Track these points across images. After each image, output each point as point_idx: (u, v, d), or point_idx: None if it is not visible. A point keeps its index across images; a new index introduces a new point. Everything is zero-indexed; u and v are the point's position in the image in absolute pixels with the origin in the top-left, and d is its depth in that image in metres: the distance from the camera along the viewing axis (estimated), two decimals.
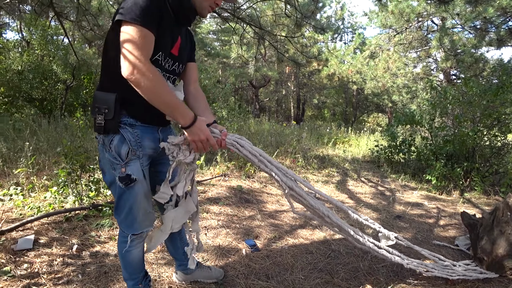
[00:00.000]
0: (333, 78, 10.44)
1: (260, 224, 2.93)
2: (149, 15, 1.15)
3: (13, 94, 6.24)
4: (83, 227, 2.53)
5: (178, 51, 1.38)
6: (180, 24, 1.35)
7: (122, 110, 1.28)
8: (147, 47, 1.16)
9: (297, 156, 5.74)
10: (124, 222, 1.40)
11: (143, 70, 1.13)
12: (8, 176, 3.46)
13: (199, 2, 1.31)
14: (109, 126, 1.27)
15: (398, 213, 3.75)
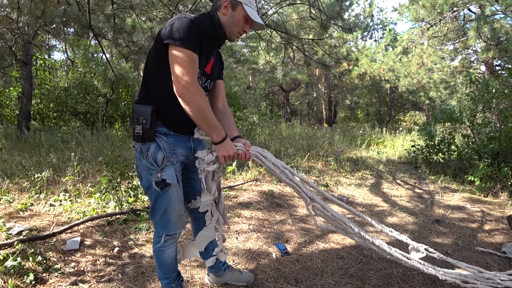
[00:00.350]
0: (365, 77, 10.14)
1: (290, 228, 2.95)
2: (194, 40, 1.33)
3: (61, 109, 6.88)
4: (123, 231, 2.73)
5: (211, 69, 1.55)
6: (212, 46, 1.53)
7: (157, 121, 1.44)
8: (195, 70, 1.34)
9: (329, 159, 5.66)
10: (159, 224, 1.53)
11: (194, 91, 1.32)
12: (58, 183, 3.82)
13: (229, 29, 1.49)
14: (146, 135, 1.42)
15: (437, 216, 3.56)
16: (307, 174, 4.97)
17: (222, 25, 1.48)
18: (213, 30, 1.46)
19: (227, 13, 1.47)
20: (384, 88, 13.66)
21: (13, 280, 1.87)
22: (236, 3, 1.47)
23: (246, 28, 1.53)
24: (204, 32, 1.42)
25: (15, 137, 5.72)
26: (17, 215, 3.06)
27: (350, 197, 4.12)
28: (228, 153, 1.46)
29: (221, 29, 1.48)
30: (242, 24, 1.50)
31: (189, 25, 1.33)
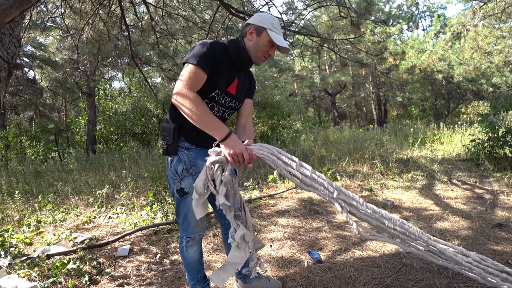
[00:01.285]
0: (414, 71, 9.39)
1: (326, 236, 2.88)
2: (203, 59, 1.46)
3: (121, 131, 7.74)
4: (166, 239, 2.97)
5: (235, 90, 1.66)
6: (237, 69, 1.64)
7: (180, 137, 1.61)
8: (193, 80, 1.45)
9: (375, 162, 5.37)
10: (182, 226, 1.72)
11: (183, 94, 1.43)
12: (116, 198, 4.29)
13: (254, 54, 1.59)
14: (170, 149, 1.60)
15: (499, 220, 3.14)
16: (351, 178, 4.79)
17: (247, 50, 1.58)
18: (237, 55, 1.58)
19: (252, 39, 1.58)
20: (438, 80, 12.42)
21: (72, 280, 2.21)
22: (260, 29, 1.56)
23: (272, 52, 1.61)
24: (225, 54, 1.56)
25: (84, 160, 6.60)
26: (83, 227, 3.53)
27: (396, 201, 3.86)
28: (235, 151, 1.41)
29: (246, 53, 1.58)
30: (267, 48, 1.59)
31: (202, 47, 1.48)
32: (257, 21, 1.58)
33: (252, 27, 1.58)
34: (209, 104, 1.61)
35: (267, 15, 1.63)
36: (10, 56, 2.19)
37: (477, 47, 6.93)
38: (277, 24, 1.60)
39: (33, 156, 6.76)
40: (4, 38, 2.16)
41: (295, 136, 7.19)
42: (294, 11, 4.42)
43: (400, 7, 13.62)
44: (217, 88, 1.57)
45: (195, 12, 4.76)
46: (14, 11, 1.87)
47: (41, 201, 4.23)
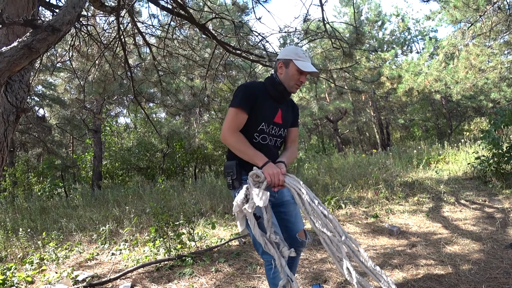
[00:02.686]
0: (412, 93, 9.56)
1: (331, 267, 2.80)
2: (242, 100, 1.70)
3: (126, 166, 7.84)
4: (168, 276, 2.91)
5: (281, 119, 1.84)
6: (277, 101, 1.82)
7: (242, 171, 1.74)
8: (233, 121, 1.70)
9: (379, 187, 5.31)
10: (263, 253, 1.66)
11: (227, 136, 1.69)
12: (119, 234, 4.26)
13: (287, 84, 1.78)
14: (235, 184, 1.72)
15: (511, 240, 3.04)
16: (355, 205, 4.73)
17: (281, 82, 1.78)
18: (273, 88, 1.78)
19: (282, 71, 1.78)
20: (437, 100, 12.55)
21: None
22: (287, 61, 1.76)
23: (303, 78, 1.78)
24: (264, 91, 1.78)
25: (89, 196, 6.65)
26: (85, 264, 3.48)
27: (402, 227, 3.77)
28: (273, 171, 1.59)
29: (281, 85, 1.78)
30: (297, 76, 1.76)
31: (243, 89, 1.74)
32: (283, 55, 1.79)
33: (280, 61, 1.79)
34: (260, 136, 1.79)
35: (291, 47, 1.82)
36: (18, 101, 2.31)
37: (470, 66, 7.11)
38: (302, 53, 1.77)
39: (39, 193, 6.84)
40: (14, 84, 2.30)
41: (298, 165, 7.20)
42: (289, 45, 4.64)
43: (393, 33, 14.16)
44: (263, 121, 1.77)
45: (194, 51, 5.01)
46: (23, 61, 2.01)
47: (45, 238, 4.22)
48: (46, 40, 2.08)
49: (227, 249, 3.47)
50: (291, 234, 1.83)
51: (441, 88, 8.37)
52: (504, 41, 7.17)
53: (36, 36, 2.04)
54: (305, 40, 4.39)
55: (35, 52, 2.05)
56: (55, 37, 2.13)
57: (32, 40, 2.03)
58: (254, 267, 2.90)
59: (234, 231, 4.09)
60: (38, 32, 2.04)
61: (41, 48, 2.10)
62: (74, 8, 2.18)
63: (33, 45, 2.02)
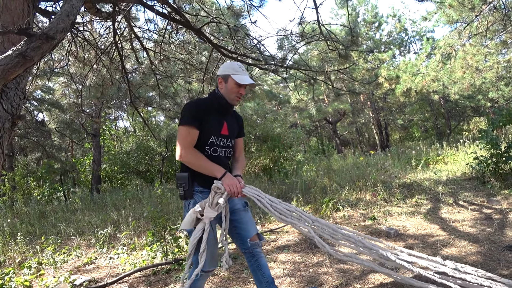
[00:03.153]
0: (410, 93, 9.59)
1: (327, 271, 2.80)
2: (190, 117, 1.80)
3: (125, 170, 7.85)
4: (165, 280, 2.92)
5: (228, 131, 1.97)
6: (222, 114, 1.95)
7: (194, 183, 1.86)
8: (187, 139, 1.80)
9: (377, 189, 5.30)
10: (197, 261, 1.83)
11: (184, 154, 1.79)
12: (117, 238, 4.27)
13: (228, 97, 1.92)
14: (187, 195, 1.85)
15: (509, 241, 3.04)
16: (353, 208, 4.72)
17: (222, 96, 1.91)
18: (217, 103, 1.92)
19: (223, 86, 1.92)
20: (436, 100, 12.57)
21: None
22: (226, 76, 1.90)
23: (242, 90, 1.93)
24: (209, 106, 1.90)
25: (88, 199, 6.66)
26: (83, 268, 3.49)
27: (400, 229, 3.77)
28: (231, 182, 1.78)
29: (223, 99, 1.91)
30: (236, 89, 1.90)
31: (190, 107, 1.84)
32: (221, 71, 1.93)
33: (220, 77, 1.93)
34: (211, 149, 1.90)
35: (228, 63, 1.96)
36: (14, 108, 2.33)
37: (467, 66, 7.12)
38: (238, 68, 1.91)
39: (38, 197, 6.84)
40: (10, 92, 2.31)
41: (297, 168, 7.21)
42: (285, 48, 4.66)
43: (390, 34, 14.19)
44: (212, 134, 1.89)
45: (191, 55, 5.03)
46: (18, 70, 2.03)
47: (44, 242, 4.22)
48: (40, 48, 2.10)
49: (223, 252, 3.47)
50: (243, 239, 1.93)
51: (439, 88, 8.39)
52: (501, 40, 7.19)
53: (31, 44, 2.05)
54: (301, 42, 4.41)
55: (30, 60, 2.06)
56: (49, 45, 2.14)
57: (27, 49, 2.04)
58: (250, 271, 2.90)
59: None
60: (32, 40, 2.06)
61: (36, 56, 2.11)
62: (68, 16, 2.20)
63: (27, 53, 2.04)
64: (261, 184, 7.01)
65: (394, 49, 13.07)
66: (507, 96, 8.42)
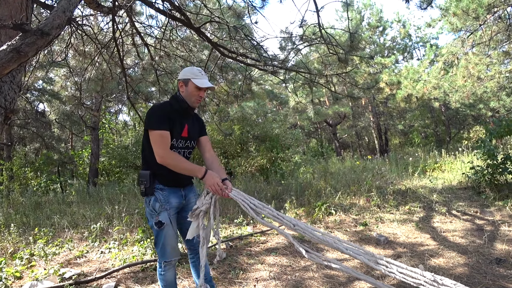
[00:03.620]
0: (411, 99, 9.58)
1: (313, 276, 2.81)
2: (162, 121, 1.87)
3: (122, 164, 7.87)
4: (152, 277, 2.94)
5: (188, 133, 2.04)
6: (183, 116, 2.02)
7: (155, 180, 1.96)
8: (165, 142, 1.88)
9: (371, 194, 5.31)
10: (160, 253, 2.00)
11: (165, 157, 1.86)
12: (110, 232, 4.29)
13: (189, 100, 1.99)
14: (148, 191, 1.95)
15: (498, 255, 3.04)
16: (346, 212, 4.73)
17: (184, 99, 1.98)
18: (178, 106, 1.98)
19: (184, 90, 1.99)
20: (437, 107, 12.54)
21: None
22: (186, 80, 1.98)
23: (202, 93, 2.00)
24: (172, 109, 1.96)
25: (84, 192, 6.68)
26: (75, 261, 3.52)
27: (390, 236, 3.78)
28: (213, 181, 1.86)
29: (184, 102, 1.99)
30: (196, 93, 1.98)
31: (155, 111, 1.90)
32: (182, 75, 2.01)
33: (180, 81, 2.01)
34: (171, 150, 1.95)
35: (188, 68, 2.03)
36: (8, 102, 2.34)
37: (468, 75, 7.09)
38: (198, 72, 2.00)
39: (35, 188, 6.87)
40: (4, 86, 2.33)
41: (293, 169, 7.23)
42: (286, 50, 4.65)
43: (394, 39, 14.14)
44: (174, 137, 1.96)
45: (192, 53, 5.03)
46: (12, 65, 2.04)
47: (37, 234, 4.25)
48: (35, 44, 2.10)
49: (213, 252, 3.49)
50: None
51: (440, 96, 8.38)
52: (503, 51, 7.15)
53: (25, 40, 2.06)
54: (301, 45, 4.40)
55: (24, 55, 2.07)
56: (44, 41, 2.15)
57: (21, 44, 2.05)
58: (237, 272, 2.92)
59: (223, 234, 4.12)
60: (27, 36, 2.07)
61: (30, 51, 2.12)
62: (64, 13, 2.20)
63: (21, 48, 2.05)
64: (257, 184, 7.02)
65: (397, 55, 12.99)
66: (508, 106, 8.39)
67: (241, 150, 8.46)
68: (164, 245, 1.97)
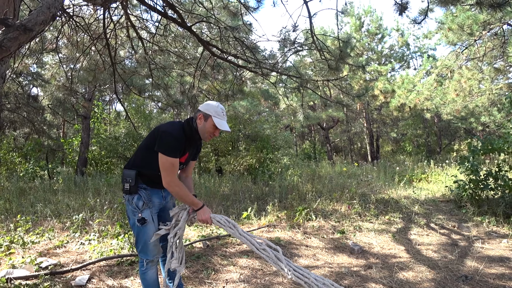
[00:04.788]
0: (404, 108, 9.68)
1: (282, 281, 2.87)
2: (176, 150, 1.97)
3: (112, 155, 7.87)
4: (126, 272, 2.98)
5: (185, 159, 2.16)
6: (190, 145, 2.13)
7: (139, 180, 2.06)
8: (175, 170, 1.99)
9: (353, 202, 5.38)
10: (141, 251, 2.08)
11: (174, 184, 1.99)
12: (91, 224, 4.32)
13: (202, 134, 2.08)
14: (132, 190, 2.04)
15: (466, 272, 3.12)
16: (326, 219, 4.80)
17: (197, 131, 2.07)
18: (191, 135, 2.07)
19: (201, 123, 2.06)
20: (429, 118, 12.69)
21: None
22: (207, 115, 2.05)
23: (216, 132, 2.09)
24: (184, 138, 2.04)
25: (72, 181, 6.69)
26: (54, 251, 3.55)
27: (366, 246, 3.85)
28: (204, 217, 2.06)
29: (197, 134, 2.07)
30: (212, 130, 2.06)
31: (172, 139, 1.96)
32: (204, 109, 2.07)
33: (201, 113, 2.06)
34: None
35: (213, 104, 2.09)
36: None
37: (460, 89, 7.19)
38: (220, 112, 2.07)
39: (21, 174, 6.85)
40: None
41: (281, 171, 7.30)
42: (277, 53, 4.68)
43: (392, 47, 14.19)
44: None
45: (185, 49, 5.03)
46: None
47: (19, 221, 4.27)
48: (17, 39, 2.12)
49: (189, 250, 3.55)
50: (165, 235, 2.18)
51: (432, 107, 8.48)
52: (495, 67, 7.24)
53: (8, 34, 2.07)
54: (291, 50, 4.43)
55: (6, 50, 2.09)
56: (26, 36, 2.16)
57: (3, 39, 2.06)
58: (209, 272, 2.98)
59: (203, 232, 4.17)
60: (10, 30, 2.08)
61: (12, 46, 2.13)
62: (49, 9, 2.22)
63: (3, 43, 2.06)
64: (244, 183, 7.08)
65: (394, 63, 13.07)
66: (498, 121, 8.52)
67: (232, 148, 8.50)
68: (146, 242, 2.05)
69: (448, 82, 7.74)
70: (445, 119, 9.55)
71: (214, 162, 8.91)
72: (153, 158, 2.01)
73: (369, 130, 14.55)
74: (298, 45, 4.27)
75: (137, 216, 2.03)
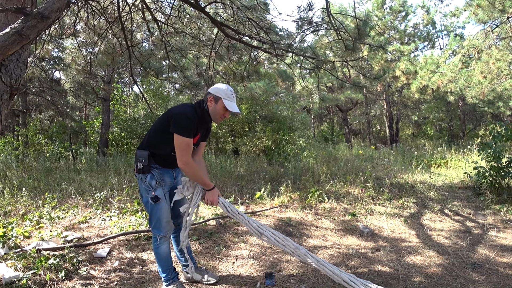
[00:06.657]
0: (426, 91, 9.25)
1: (289, 259, 2.97)
2: (190, 131, 2.06)
3: (132, 136, 8.15)
4: (144, 246, 3.19)
5: (197, 141, 2.26)
6: (201, 126, 2.22)
7: (152, 160, 2.17)
8: (190, 150, 2.10)
9: (367, 185, 5.36)
10: (155, 227, 2.22)
11: (189, 165, 2.09)
12: (112, 202, 4.58)
13: (213, 116, 2.18)
14: (145, 169, 2.15)
15: (476, 259, 3.09)
16: (338, 201, 4.83)
17: (208, 113, 2.15)
18: (202, 117, 2.16)
19: (211, 105, 2.15)
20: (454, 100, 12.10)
21: (51, 274, 2.50)
22: (217, 98, 2.13)
23: (227, 114, 2.19)
24: (197, 119, 2.12)
25: (94, 161, 7.04)
26: (78, 226, 3.82)
27: (376, 229, 3.88)
28: (213, 198, 2.19)
29: (208, 115, 2.16)
30: (222, 112, 2.16)
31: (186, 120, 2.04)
32: (214, 91, 2.15)
33: (211, 96, 2.14)
34: None
35: (222, 85, 2.18)
36: (14, 80, 2.49)
37: (488, 71, 6.76)
38: (230, 93, 2.15)
39: (48, 154, 7.25)
40: (10, 64, 2.46)
41: (297, 153, 7.32)
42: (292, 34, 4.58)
43: (416, 25, 13.39)
44: None
45: (201, 31, 5.02)
46: (15, 47, 2.17)
47: (46, 198, 4.59)
48: (36, 27, 2.21)
49: (203, 227, 3.71)
50: (177, 213, 2.34)
51: (456, 90, 8.07)
52: None
53: (27, 23, 2.17)
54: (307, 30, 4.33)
55: (26, 38, 2.19)
56: (44, 24, 2.25)
57: (23, 27, 2.16)
58: (220, 248, 3.13)
59: (217, 211, 4.33)
60: (28, 19, 2.17)
61: (31, 34, 2.23)
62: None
63: (23, 31, 2.16)
64: (259, 164, 7.17)
65: (418, 42, 12.36)
66: None
67: (248, 129, 8.55)
68: (159, 219, 2.18)
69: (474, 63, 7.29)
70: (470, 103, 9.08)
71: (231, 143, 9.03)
72: (165, 139, 2.11)
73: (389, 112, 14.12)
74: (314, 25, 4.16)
75: (150, 194, 2.15)
